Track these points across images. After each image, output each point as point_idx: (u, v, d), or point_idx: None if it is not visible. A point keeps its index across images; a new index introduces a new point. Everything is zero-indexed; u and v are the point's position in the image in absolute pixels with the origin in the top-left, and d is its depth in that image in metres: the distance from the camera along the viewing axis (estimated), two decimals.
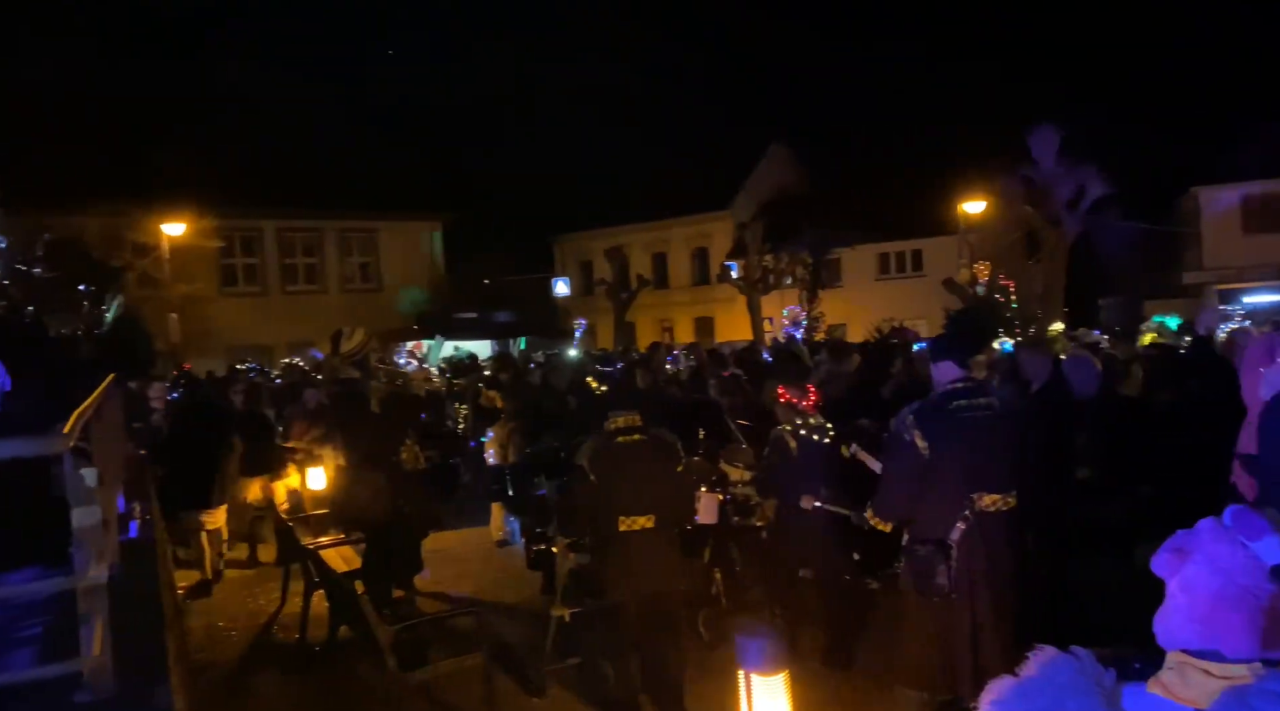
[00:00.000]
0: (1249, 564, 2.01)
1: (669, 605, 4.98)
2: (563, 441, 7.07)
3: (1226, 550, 2.05)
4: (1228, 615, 2.00)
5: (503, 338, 27.45)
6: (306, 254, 29.53)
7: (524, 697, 5.56)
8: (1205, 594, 2.00)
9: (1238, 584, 1.98)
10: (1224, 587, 1.98)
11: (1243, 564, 2.02)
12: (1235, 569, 2.02)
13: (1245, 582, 1.98)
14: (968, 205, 23.67)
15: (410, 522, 6.78)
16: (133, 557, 4.07)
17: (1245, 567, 2.01)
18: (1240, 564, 2.02)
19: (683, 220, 35.81)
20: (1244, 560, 2.02)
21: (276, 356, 25.00)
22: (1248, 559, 2.02)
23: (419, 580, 7.69)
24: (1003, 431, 4.24)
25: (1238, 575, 1.99)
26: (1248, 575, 1.99)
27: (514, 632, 6.54)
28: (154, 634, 3.10)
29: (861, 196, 31.07)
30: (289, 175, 26.39)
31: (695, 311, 36.06)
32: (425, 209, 31.03)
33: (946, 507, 4.16)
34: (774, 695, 3.09)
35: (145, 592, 3.57)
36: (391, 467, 6.67)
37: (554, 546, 5.93)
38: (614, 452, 4.75)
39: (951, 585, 4.09)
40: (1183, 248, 30.34)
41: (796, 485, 5.41)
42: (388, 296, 29.52)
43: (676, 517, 5.03)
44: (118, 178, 21.66)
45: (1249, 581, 1.98)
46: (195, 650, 6.71)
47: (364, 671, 5.66)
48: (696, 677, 5.12)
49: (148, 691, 2.58)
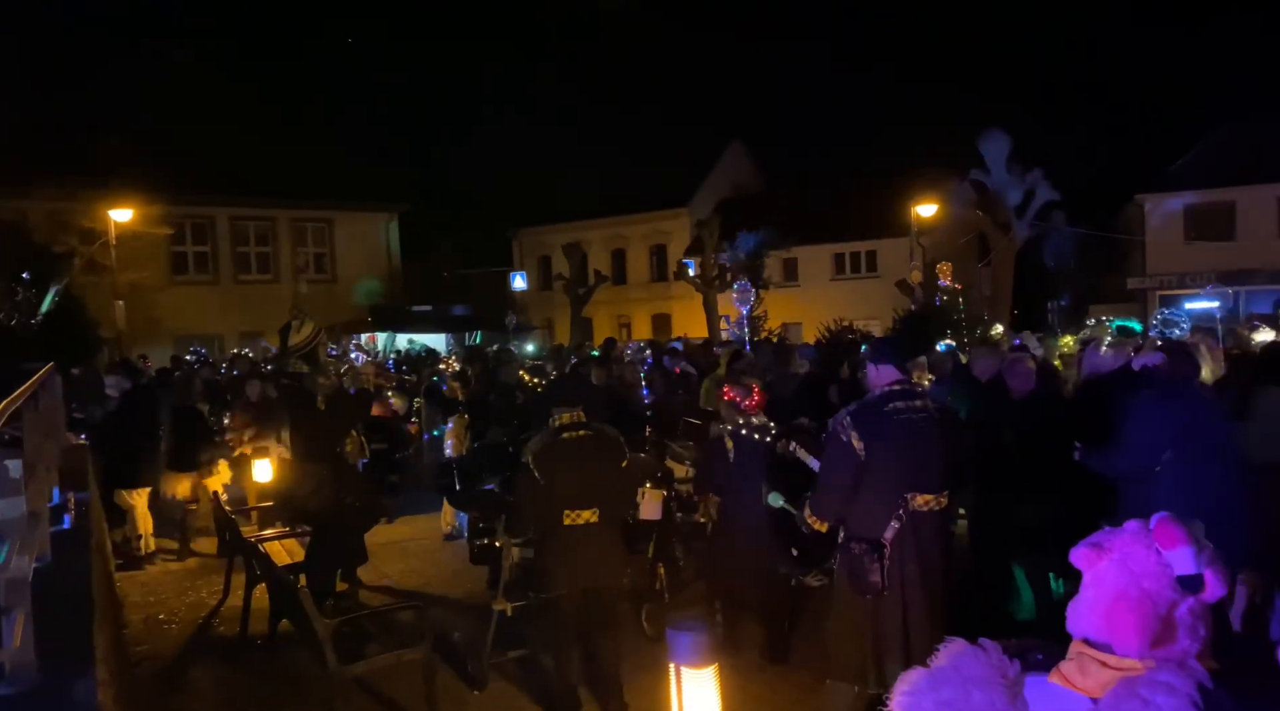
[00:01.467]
0: (1157, 570, 2.11)
1: (610, 599, 5.04)
2: (510, 436, 7.08)
3: (1141, 553, 2.14)
4: (1125, 614, 2.10)
5: (458, 331, 27.28)
6: (260, 243, 29.10)
7: (465, 691, 5.57)
8: (1110, 590, 2.11)
9: (1141, 587, 2.09)
10: (1127, 588, 2.09)
11: (1152, 569, 2.11)
12: (1143, 573, 2.12)
13: (1148, 587, 2.08)
14: (920, 208, 24.05)
15: (354, 515, 6.75)
16: (65, 549, 4.01)
17: (1152, 573, 2.11)
18: (1149, 569, 2.12)
19: (641, 217, 35.89)
20: (1154, 566, 2.11)
21: (227, 346, 24.64)
22: (1158, 565, 2.11)
23: (363, 573, 7.67)
24: (936, 433, 4.34)
25: (1143, 578, 2.09)
26: (1152, 580, 2.08)
27: (458, 626, 6.54)
28: (82, 626, 3.07)
29: (817, 197, 31.42)
30: (243, 162, 25.98)
31: (653, 308, 36.15)
32: (381, 200, 30.74)
33: (881, 507, 4.26)
34: (703, 688, 3.15)
35: (75, 585, 3.53)
36: (335, 460, 6.64)
37: (498, 540, 5.95)
38: (558, 448, 4.78)
39: (884, 582, 4.19)
40: (1127, 253, 31.13)
41: (735, 483, 5.49)
42: (342, 287, 29.20)
43: (620, 512, 5.08)
44: (63, 160, 21.13)
45: (1152, 586, 2.08)
46: (134, 643, 6.62)
47: (304, 665, 5.62)
48: (638, 671, 5.17)
49: (71, 684, 2.56)
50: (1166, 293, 28.83)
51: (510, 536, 5.73)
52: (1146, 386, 4.55)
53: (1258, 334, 9.27)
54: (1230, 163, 26.73)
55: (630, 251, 37.45)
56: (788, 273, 33.52)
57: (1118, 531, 2.23)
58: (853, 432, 4.28)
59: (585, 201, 35.34)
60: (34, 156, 20.86)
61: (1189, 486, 4.11)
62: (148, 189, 21.94)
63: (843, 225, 31.54)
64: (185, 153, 24.52)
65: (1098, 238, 29.70)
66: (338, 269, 30.20)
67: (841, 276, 33.24)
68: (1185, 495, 4.06)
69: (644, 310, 36.56)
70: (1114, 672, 2.13)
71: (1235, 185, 27.60)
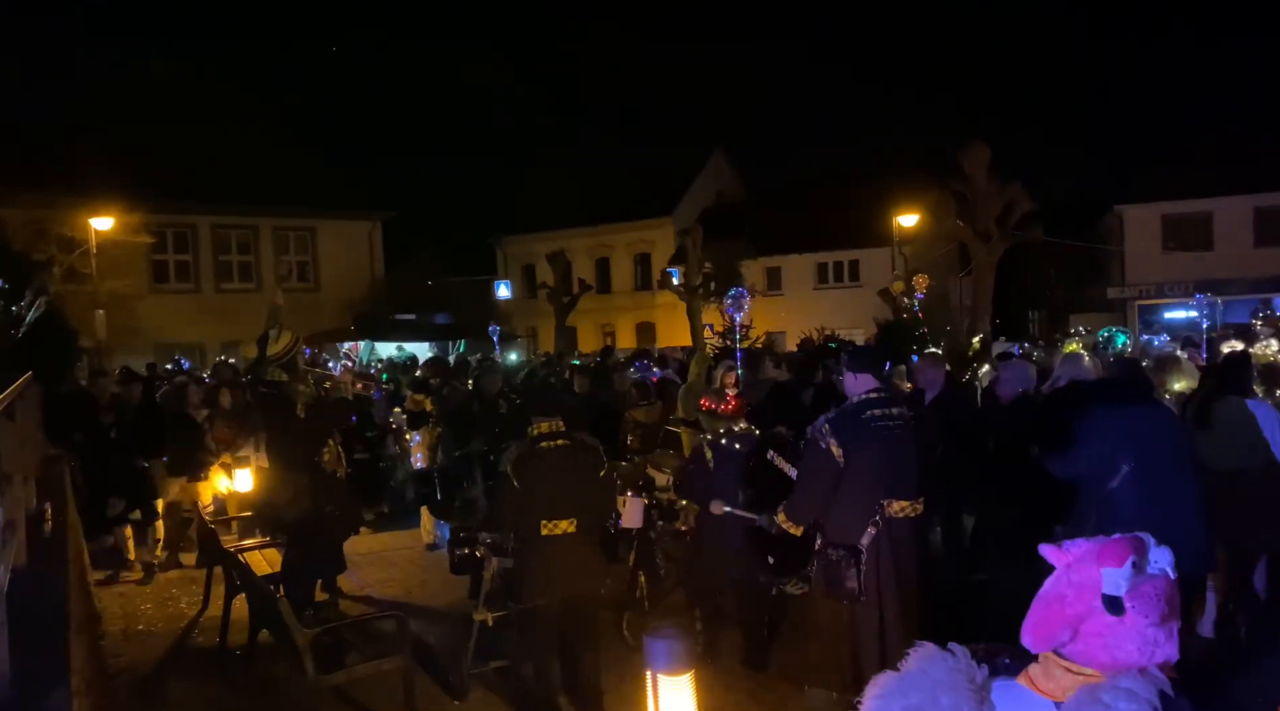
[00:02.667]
0: (1088, 581, 2.14)
1: (589, 608, 5.04)
2: (492, 446, 7.08)
3: (1086, 564, 2.18)
4: (1040, 609, 2.17)
5: (442, 340, 27.21)
6: (241, 251, 28.97)
7: (445, 700, 5.56)
8: (1044, 587, 2.17)
9: (1062, 590, 2.14)
10: (1054, 587, 2.15)
11: (1084, 579, 2.15)
12: (1076, 580, 2.16)
13: (1069, 593, 2.13)
14: (902, 218, 24.22)
15: (333, 524, 6.73)
16: (42, 559, 4.00)
17: (1082, 583, 2.14)
18: (1083, 578, 2.15)
19: (626, 226, 35.97)
20: (1089, 577, 2.15)
21: (209, 355, 24.47)
22: (1093, 578, 2.14)
23: (345, 582, 7.64)
24: (912, 441, 4.40)
25: (1071, 584, 2.14)
26: (1078, 589, 2.12)
27: (438, 636, 6.54)
28: (57, 636, 3.07)
29: (801, 207, 31.61)
30: (225, 170, 25.87)
31: (637, 317, 36.22)
32: (365, 208, 30.66)
33: (858, 513, 4.31)
34: (680, 694, 3.17)
35: (51, 595, 3.52)
36: (314, 469, 6.61)
37: (479, 550, 5.95)
38: (537, 457, 4.79)
39: (861, 588, 4.24)
40: (1106, 264, 31.45)
41: (713, 491, 5.52)
42: (325, 296, 29.08)
43: (599, 521, 5.09)
44: (42, 167, 20.99)
45: (1073, 593, 2.12)
46: (112, 654, 6.57)
47: (283, 674, 5.60)
48: (619, 680, 5.19)
49: (45, 694, 2.56)
50: (1145, 302, 29.17)
51: (485, 535, 5.74)
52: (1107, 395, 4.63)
53: (1225, 345, 9.41)
54: (1208, 172, 27.10)
55: (614, 260, 37.52)
56: (771, 281, 33.68)
57: (1083, 541, 2.27)
58: (831, 439, 4.34)
59: (570, 210, 35.39)
60: (12, 163, 20.71)
61: (1148, 495, 4.17)
62: (128, 196, 21.81)
63: (826, 235, 31.76)
64: (166, 160, 24.40)
65: (1077, 248, 29.99)
66: (321, 277, 30.08)
67: (825, 285, 33.44)
68: (1144, 504, 4.13)
69: (628, 319, 36.61)
70: (1076, 678, 2.17)
71: (1213, 196, 27.96)
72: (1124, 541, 2.15)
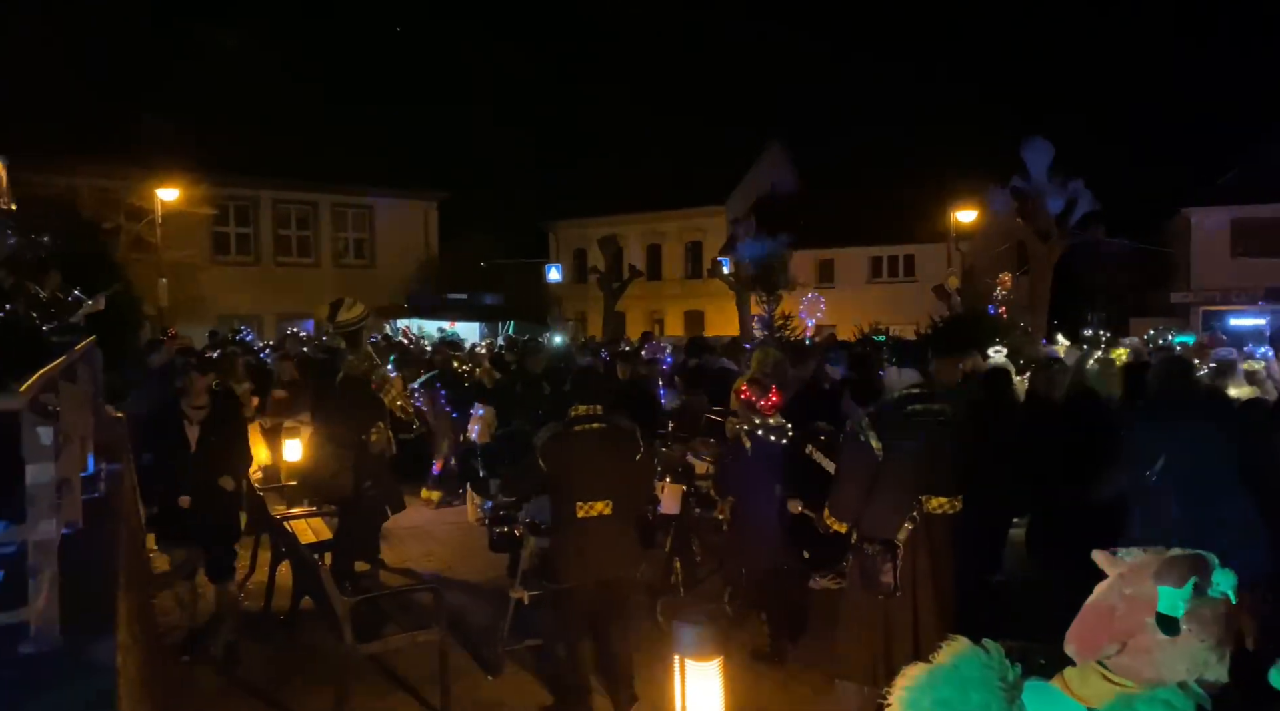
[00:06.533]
0: (1140, 596, 2.08)
1: (623, 591, 5.07)
2: (534, 426, 7.13)
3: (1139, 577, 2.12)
4: (1090, 618, 2.11)
5: (491, 321, 27.46)
6: (300, 226, 29.48)
7: (478, 675, 5.65)
8: (1095, 595, 2.12)
9: (1114, 602, 2.08)
10: (1106, 597, 2.09)
11: (1138, 593, 2.09)
12: (1130, 593, 2.10)
13: (1120, 606, 2.07)
14: (959, 214, 23.81)
15: (370, 502, 6.81)
16: (96, 517, 4.12)
17: (1133, 597, 2.08)
18: (1134, 592, 2.10)
19: (678, 213, 35.89)
20: (1143, 591, 2.09)
21: (266, 326, 25.02)
22: (1145, 593, 2.08)
23: (387, 554, 7.77)
24: (953, 437, 4.34)
25: (1123, 597, 2.08)
26: (1130, 602, 2.07)
27: (475, 611, 6.64)
28: (106, 592, 3.16)
29: (856, 199, 31.24)
30: (288, 146, 26.31)
31: (686, 305, 36.16)
32: (422, 188, 30.99)
33: (895, 508, 4.27)
34: (707, 680, 3.18)
35: (102, 553, 3.62)
36: (357, 447, 6.69)
37: (517, 529, 6.01)
38: (570, 439, 4.82)
39: (897, 583, 4.20)
40: (1170, 267, 30.58)
41: (750, 483, 5.50)
42: (381, 273, 29.50)
43: (634, 504, 5.11)
44: (113, 140, 21.59)
45: (1125, 607, 2.07)
46: (162, 612, 6.76)
47: (322, 641, 5.73)
48: (651, 663, 5.21)
49: (91, 646, 2.64)
50: (1211, 309, 28.30)
51: (524, 514, 5.79)
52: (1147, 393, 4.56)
53: None
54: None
55: (666, 247, 37.49)
56: (823, 274, 33.36)
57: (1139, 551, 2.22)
58: (871, 433, 4.30)
59: (623, 196, 35.41)
60: (85, 136, 21.33)
61: (1191, 497, 4.09)
62: (193, 169, 22.36)
63: (881, 228, 31.36)
64: (231, 135, 24.91)
65: (1140, 250, 29.21)
66: (377, 254, 30.52)
67: (878, 280, 33.05)
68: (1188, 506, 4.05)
69: (677, 307, 36.57)
70: (1114, 688, 2.13)
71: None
72: (1186, 560, 2.09)
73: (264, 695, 5.49)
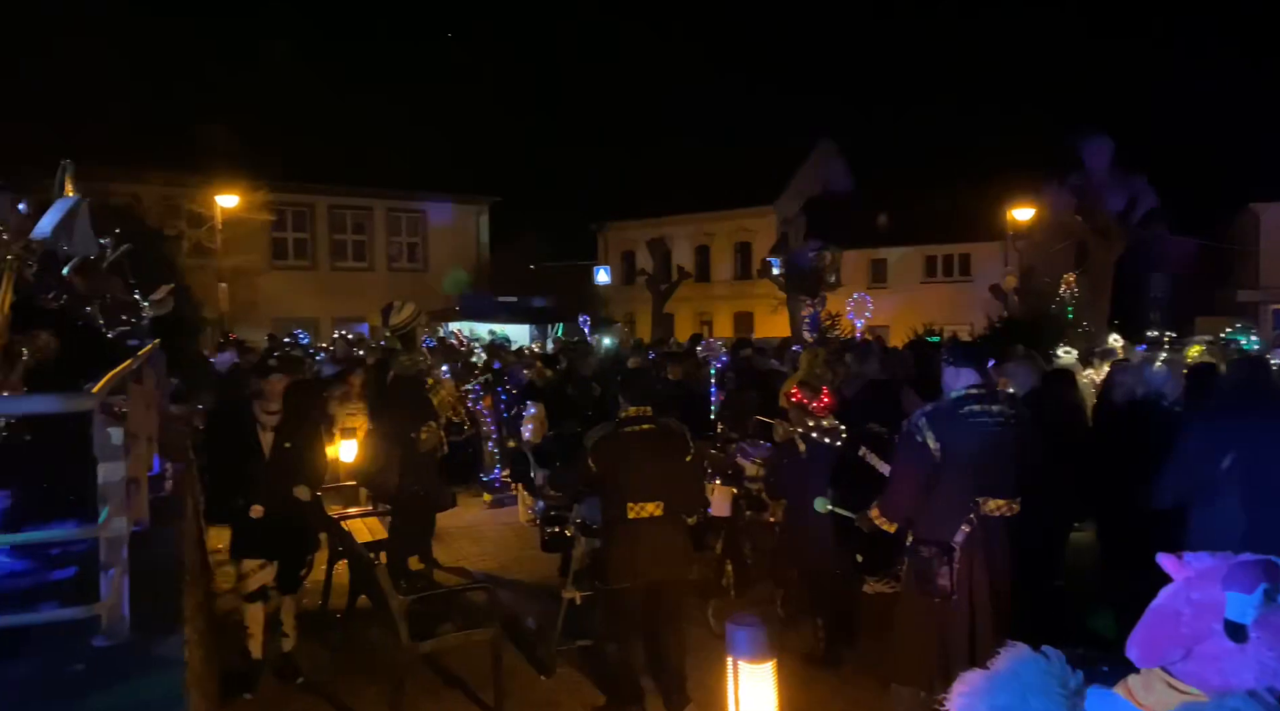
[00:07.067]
0: (1209, 601, 2.02)
1: (675, 593, 5.06)
2: (584, 427, 7.17)
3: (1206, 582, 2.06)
4: (1154, 624, 2.05)
5: (540, 323, 27.65)
6: (356, 231, 29.98)
7: (531, 675, 5.69)
8: (1159, 600, 2.06)
9: (1180, 607, 2.02)
10: (1170, 602, 2.03)
11: (1205, 598, 2.03)
12: (1196, 598, 2.04)
13: (1187, 611, 2.01)
14: (1016, 212, 23.35)
15: (417, 500, 6.88)
16: (161, 516, 4.23)
17: (1202, 602, 2.02)
18: (1204, 597, 2.03)
19: (727, 214, 35.73)
20: (1210, 597, 2.03)
21: (323, 329, 25.50)
22: (1214, 598, 2.02)
23: (440, 554, 7.85)
24: (1011, 438, 4.26)
25: (1190, 603, 2.02)
26: (1197, 608, 2.01)
27: (528, 611, 6.68)
28: (172, 588, 3.25)
29: (909, 198, 30.79)
30: (342, 152, 26.78)
31: (735, 306, 36.00)
32: (472, 192, 31.33)
33: (952, 510, 4.21)
34: (760, 682, 3.16)
35: (167, 549, 3.72)
36: (406, 445, 6.76)
37: (569, 529, 6.05)
38: (620, 440, 4.84)
39: (952, 586, 4.14)
40: (1237, 265, 29.66)
41: (804, 486, 5.46)
42: (433, 276, 29.89)
43: (685, 506, 5.10)
44: (174, 148, 22.16)
45: (1191, 612, 2.01)
46: (223, 610, 6.92)
47: (378, 639, 5.82)
48: (702, 665, 5.19)
49: (160, 640, 2.71)
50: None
51: (575, 514, 5.81)
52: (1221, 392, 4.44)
53: None
54: None
55: (715, 248, 37.37)
56: (875, 274, 32.97)
57: (1206, 556, 2.16)
58: (928, 433, 4.25)
59: (672, 197, 35.38)
60: (148, 144, 21.94)
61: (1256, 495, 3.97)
62: (251, 176, 22.89)
63: (935, 227, 30.88)
64: (287, 141, 25.42)
65: (1206, 247, 28.38)
66: (429, 258, 30.94)
67: (932, 279, 32.56)
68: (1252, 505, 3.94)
69: (726, 308, 36.44)
70: (1179, 696, 2.07)
71: None
72: (1256, 565, 2.02)
73: (320, 691, 5.59)
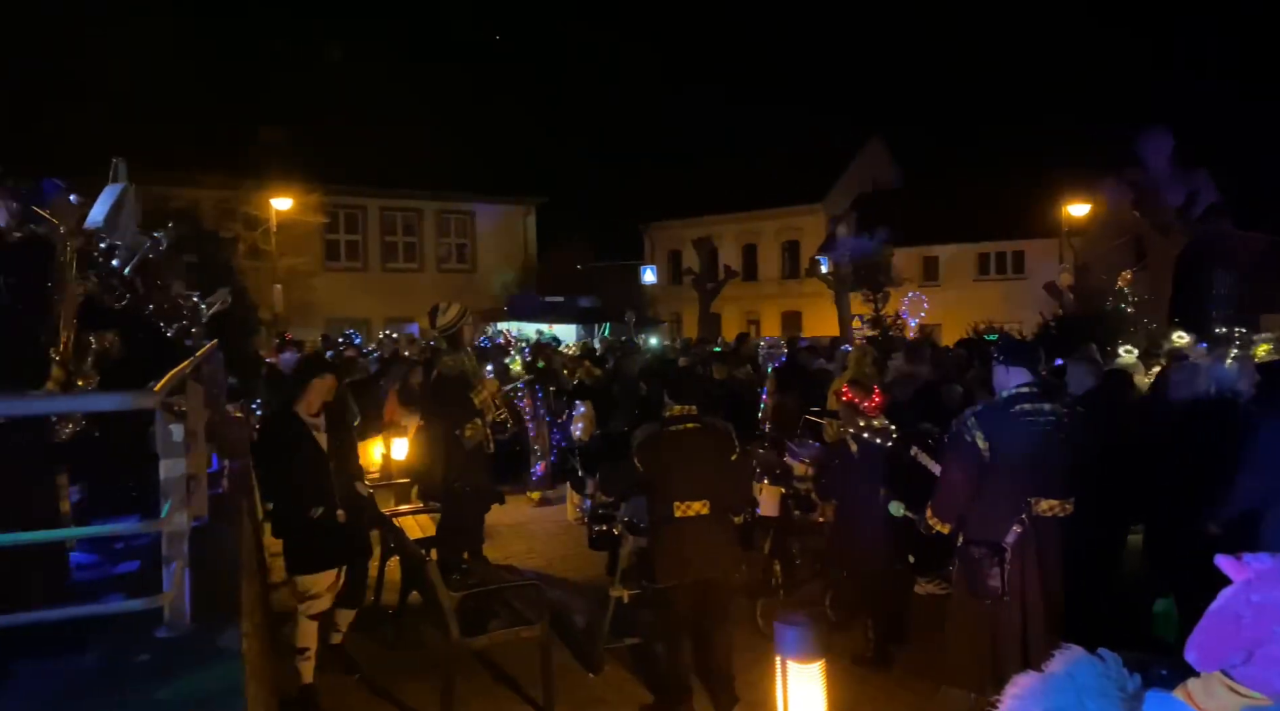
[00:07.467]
0: (1268, 604, 1.96)
1: (722, 592, 5.06)
2: (631, 426, 7.19)
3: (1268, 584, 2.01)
4: (1214, 626, 2.00)
5: (587, 323, 27.77)
6: (406, 232, 30.39)
7: (579, 672, 5.72)
8: (1219, 602, 2.01)
9: (1240, 610, 1.97)
10: (1230, 604, 1.98)
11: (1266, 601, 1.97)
12: (1257, 601, 1.99)
13: (1247, 614, 1.96)
14: (1072, 207, 22.88)
15: (462, 497, 6.94)
16: (220, 512, 4.34)
17: (1263, 604, 1.97)
18: (1265, 600, 1.98)
19: (774, 212, 35.54)
20: (1271, 600, 1.97)
21: (375, 330, 25.91)
22: (1274, 601, 1.97)
23: (489, 551, 7.92)
24: (1064, 438, 4.19)
25: (1251, 605, 1.97)
26: (1258, 610, 1.95)
27: (577, 609, 6.72)
28: (230, 583, 3.33)
29: (961, 194, 30.32)
30: (393, 154, 27.15)
31: (783, 305, 35.79)
32: (520, 193, 31.59)
33: (1003, 510, 4.15)
34: (809, 682, 3.15)
35: (225, 545, 3.82)
36: (450, 442, 6.83)
37: (616, 528, 6.07)
38: (665, 439, 4.84)
39: (1004, 587, 4.08)
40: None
41: (855, 486, 5.41)
42: (482, 277, 30.19)
43: (732, 505, 5.09)
44: (230, 152, 22.68)
45: (1252, 615, 1.95)
46: (279, 606, 7.07)
47: (429, 635, 5.90)
48: (751, 665, 5.19)
49: (219, 632, 2.79)
50: None
51: (623, 513, 5.83)
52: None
53: None
54: None
55: (762, 247, 37.19)
56: (928, 272, 32.52)
57: (1266, 557, 2.11)
58: (977, 432, 4.19)
59: (718, 196, 35.28)
60: (205, 149, 22.49)
61: None
62: (305, 179, 23.35)
63: (988, 224, 30.35)
64: (340, 145, 25.86)
65: (1274, 243, 27.47)
66: (478, 259, 31.27)
67: (985, 277, 32.04)
68: None
69: (774, 307, 36.24)
70: (1240, 700, 2.02)
71: None
72: None
73: (372, 686, 5.68)
